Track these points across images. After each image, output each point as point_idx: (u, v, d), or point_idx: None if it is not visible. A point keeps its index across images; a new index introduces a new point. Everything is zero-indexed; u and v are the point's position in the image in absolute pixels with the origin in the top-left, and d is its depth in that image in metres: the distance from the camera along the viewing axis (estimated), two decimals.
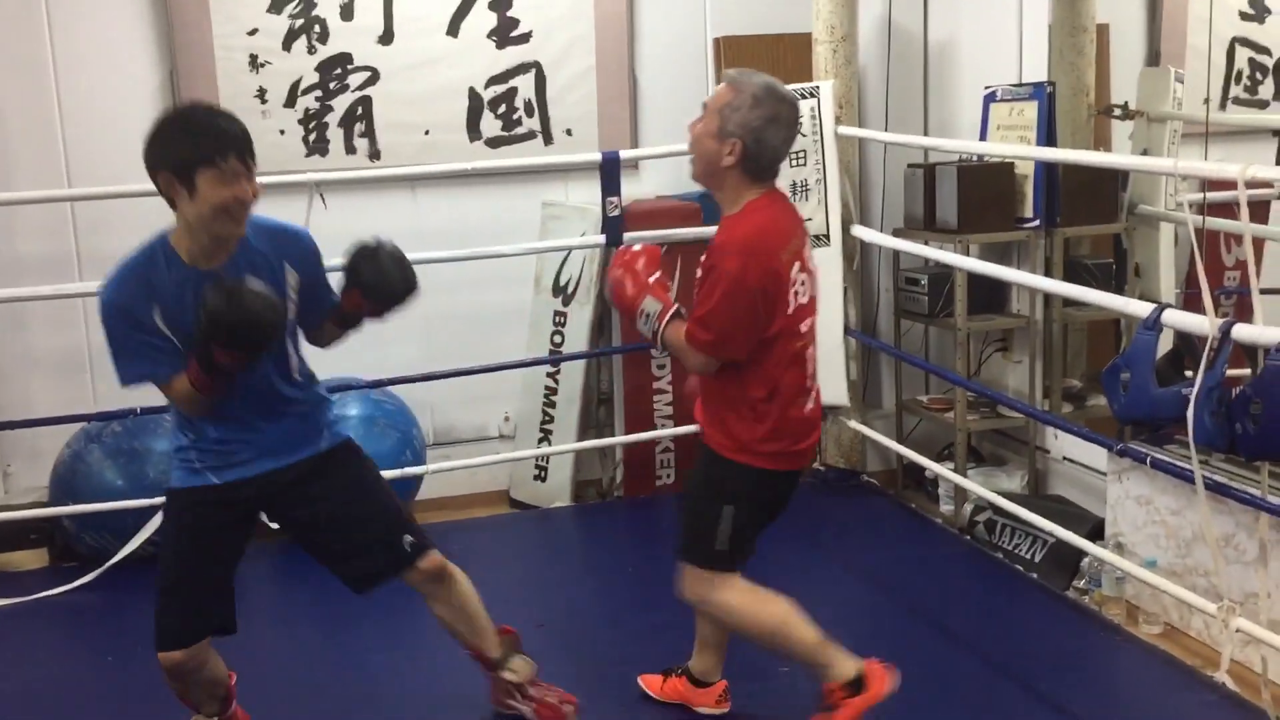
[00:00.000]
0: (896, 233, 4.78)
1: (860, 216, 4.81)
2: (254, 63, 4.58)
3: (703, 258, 2.68)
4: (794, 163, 4.55)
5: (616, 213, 4.49)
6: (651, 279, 2.76)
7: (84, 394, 4.55)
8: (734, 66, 3.74)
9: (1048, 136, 4.21)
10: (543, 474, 4.91)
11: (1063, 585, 3.85)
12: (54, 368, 4.60)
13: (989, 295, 4.56)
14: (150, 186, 2.51)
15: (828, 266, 4.57)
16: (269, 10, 4.57)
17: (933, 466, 4.48)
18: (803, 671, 2.89)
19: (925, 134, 5.10)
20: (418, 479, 4.59)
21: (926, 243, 4.51)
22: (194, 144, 2.42)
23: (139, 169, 2.50)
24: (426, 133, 4.78)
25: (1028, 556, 4.02)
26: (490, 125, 4.84)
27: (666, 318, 2.72)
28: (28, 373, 4.59)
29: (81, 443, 4.30)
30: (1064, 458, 4.40)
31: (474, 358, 4.72)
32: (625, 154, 4.59)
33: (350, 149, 4.72)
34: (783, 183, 4.54)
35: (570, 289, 4.83)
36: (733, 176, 2.65)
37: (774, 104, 2.64)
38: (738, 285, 2.58)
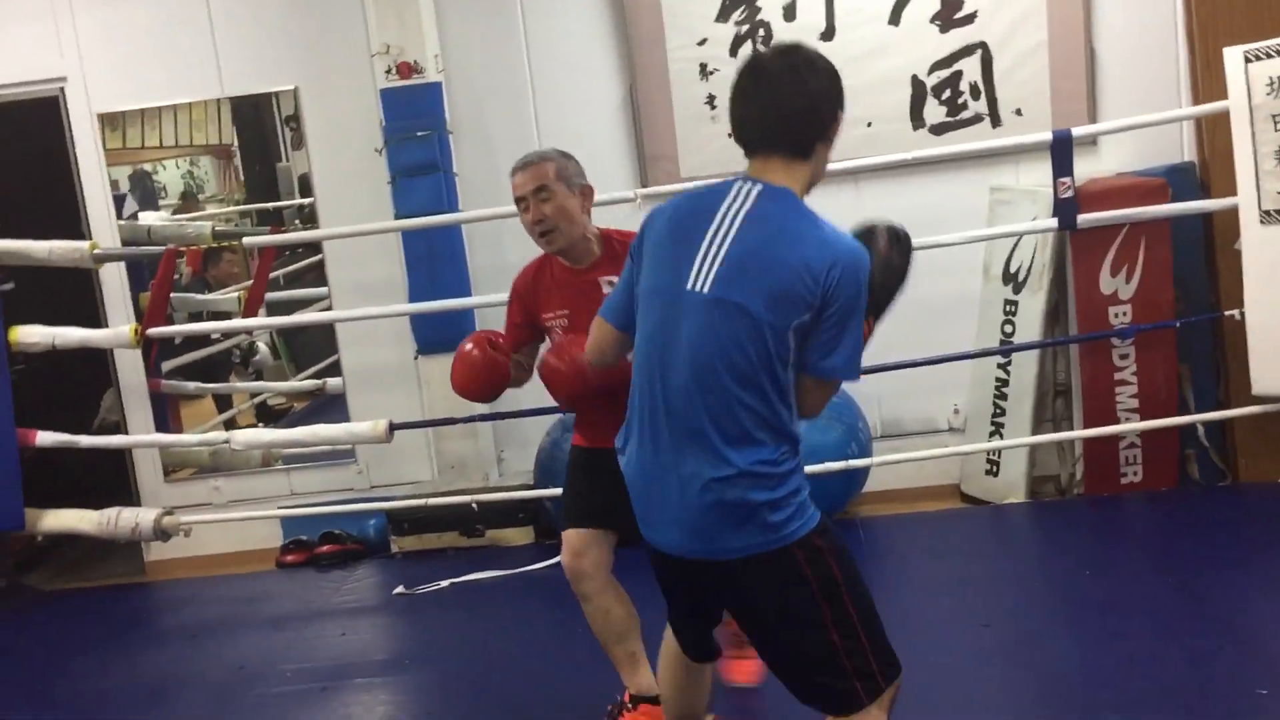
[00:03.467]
0: None
1: None
2: (703, 71, 4.80)
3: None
4: None
5: (1069, 194, 4.22)
6: None
7: None
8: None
9: None
10: (995, 468, 4.74)
11: None
12: None
13: None
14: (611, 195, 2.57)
15: None
16: (717, 19, 4.78)
17: None
18: None
19: None
20: (864, 471, 4.60)
21: None
22: None
23: (605, 181, 2.53)
24: (869, 124, 4.76)
25: None
26: (934, 112, 4.74)
27: None
28: None
29: (559, 432, 4.74)
30: None
31: (920, 349, 4.64)
32: (1078, 131, 4.29)
33: None
34: None
35: (1021, 276, 4.61)
36: (587, 221, 3.00)
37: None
38: None
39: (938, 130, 4.75)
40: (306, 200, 8.38)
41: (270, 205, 8.11)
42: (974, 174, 4.74)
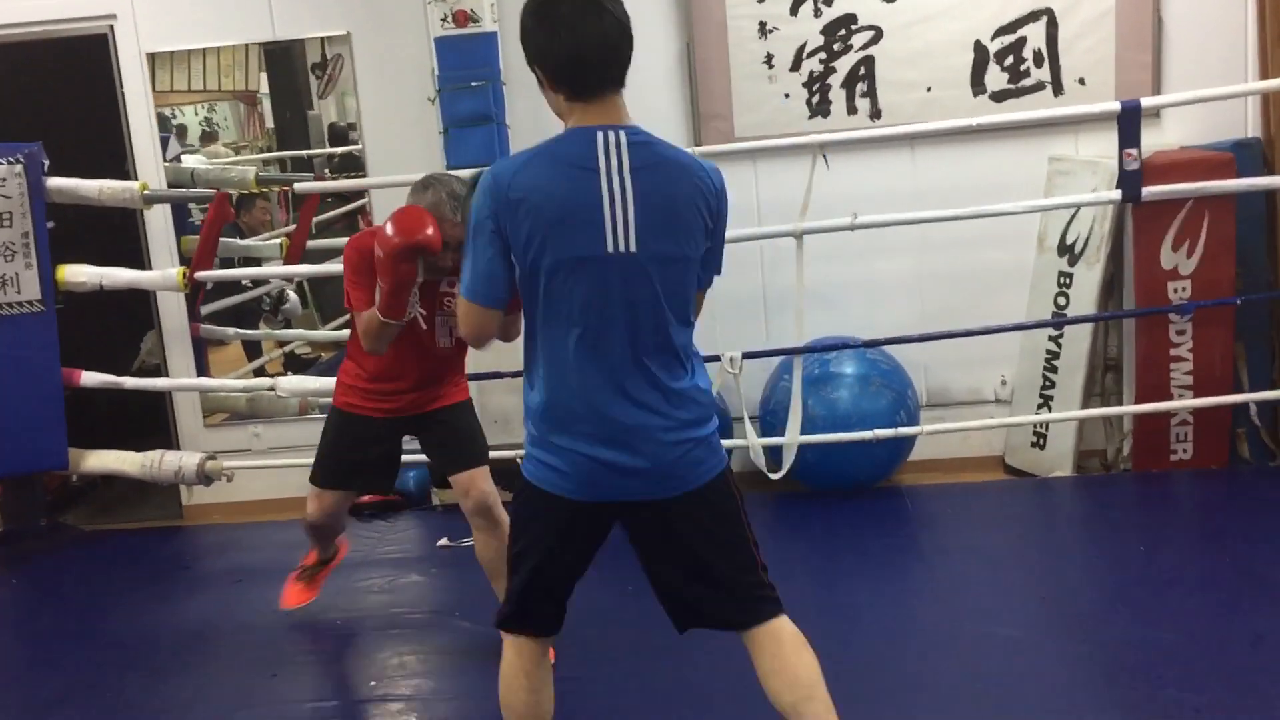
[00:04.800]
0: None
1: None
2: (762, 29, 4.73)
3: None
4: None
5: (1135, 166, 4.17)
6: None
7: (759, 331, 4.85)
8: None
9: None
10: (1041, 441, 4.71)
11: None
12: (735, 307, 4.73)
13: None
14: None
15: None
16: None
17: None
18: None
19: None
20: (910, 440, 4.57)
21: None
22: None
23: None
24: (928, 89, 4.70)
25: None
26: (995, 78, 4.67)
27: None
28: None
29: None
30: None
31: (970, 319, 4.62)
32: (1148, 102, 4.23)
33: (851, 109, 4.75)
34: None
35: (1078, 248, 4.56)
36: None
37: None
38: None
39: (998, 97, 4.68)
40: (337, 150, 8.31)
41: (304, 153, 8.05)
42: (1033, 143, 4.67)
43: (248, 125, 7.88)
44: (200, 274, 4.59)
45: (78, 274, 4.56)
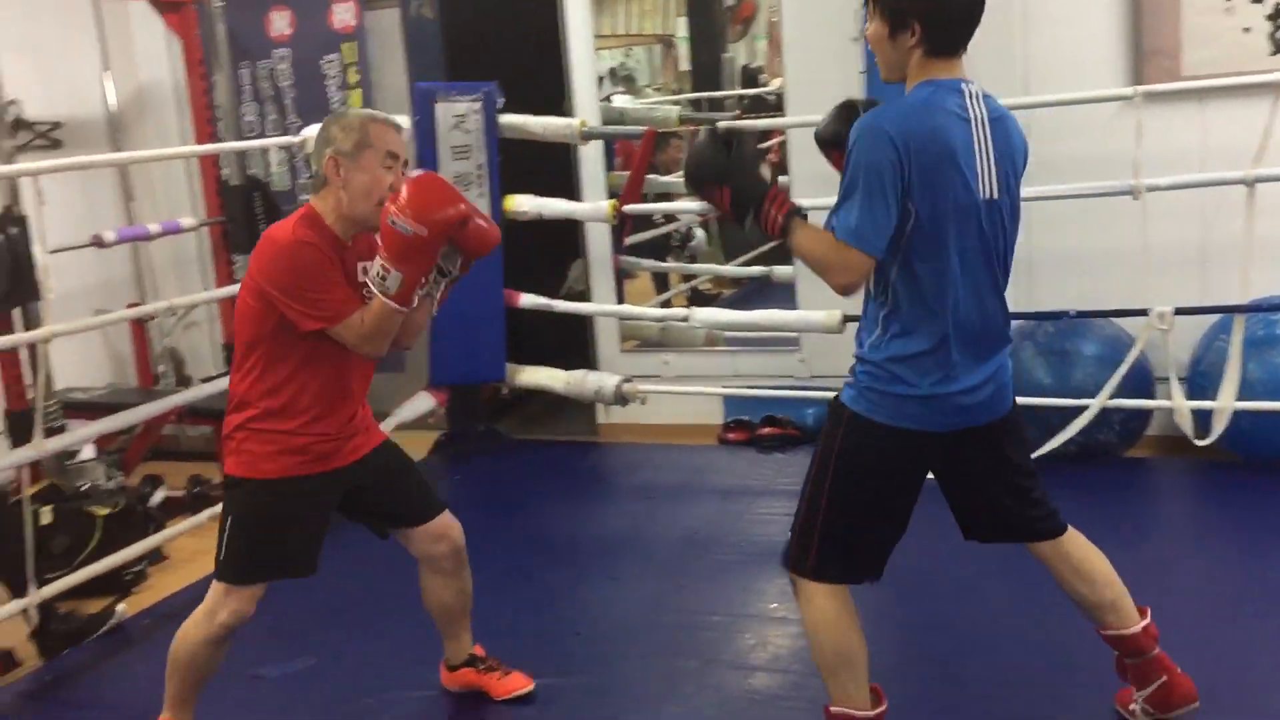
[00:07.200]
0: None
1: None
2: None
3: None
4: None
5: None
6: None
7: (1193, 286, 4.52)
8: None
9: None
10: None
11: None
12: (1166, 259, 4.42)
13: None
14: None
15: None
16: None
17: None
18: None
19: None
20: None
21: None
22: None
23: (1090, 76, 2.46)
24: None
25: None
26: None
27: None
28: None
29: (1016, 339, 4.55)
30: None
31: None
32: None
33: None
34: None
35: None
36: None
37: None
38: None
39: None
40: (748, 91, 8.48)
41: (718, 94, 8.29)
42: None
43: (663, 68, 8.22)
44: (627, 207, 4.87)
45: (521, 204, 4.97)
